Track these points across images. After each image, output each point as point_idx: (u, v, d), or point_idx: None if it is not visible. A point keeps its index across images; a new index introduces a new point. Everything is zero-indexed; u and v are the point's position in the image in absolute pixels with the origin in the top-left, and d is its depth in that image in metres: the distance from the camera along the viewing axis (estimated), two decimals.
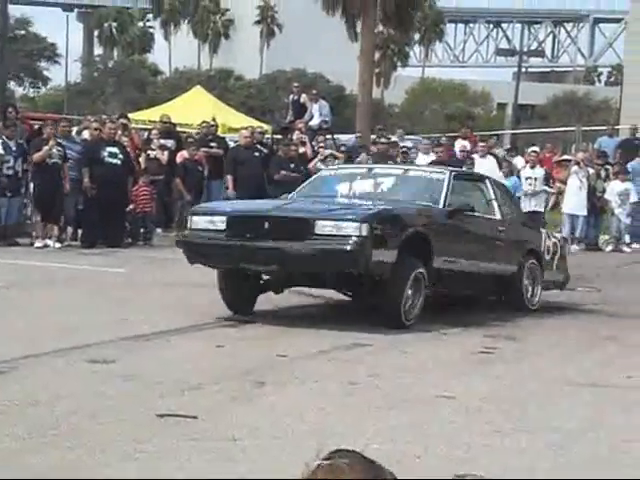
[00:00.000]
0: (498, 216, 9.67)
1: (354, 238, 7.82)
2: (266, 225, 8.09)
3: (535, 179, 16.60)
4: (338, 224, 7.93)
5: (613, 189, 17.17)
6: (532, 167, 16.83)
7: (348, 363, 6.81)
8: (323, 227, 7.93)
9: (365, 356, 7.07)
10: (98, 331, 7.49)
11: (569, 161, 17.79)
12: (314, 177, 10.45)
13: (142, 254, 13.53)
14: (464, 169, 14.09)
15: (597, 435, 5.27)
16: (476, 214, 9.26)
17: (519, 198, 16.60)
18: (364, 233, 7.84)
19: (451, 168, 10.31)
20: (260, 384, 6.03)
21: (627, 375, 6.75)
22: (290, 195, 9.56)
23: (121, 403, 5.47)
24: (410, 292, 8.16)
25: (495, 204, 9.71)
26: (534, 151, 17.74)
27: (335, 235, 7.90)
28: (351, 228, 7.88)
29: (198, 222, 8.50)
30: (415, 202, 8.95)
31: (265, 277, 8.78)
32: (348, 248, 7.80)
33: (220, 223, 8.30)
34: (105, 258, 12.66)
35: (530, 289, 9.74)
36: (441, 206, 8.85)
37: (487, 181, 10.04)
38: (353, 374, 6.39)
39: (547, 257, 10.16)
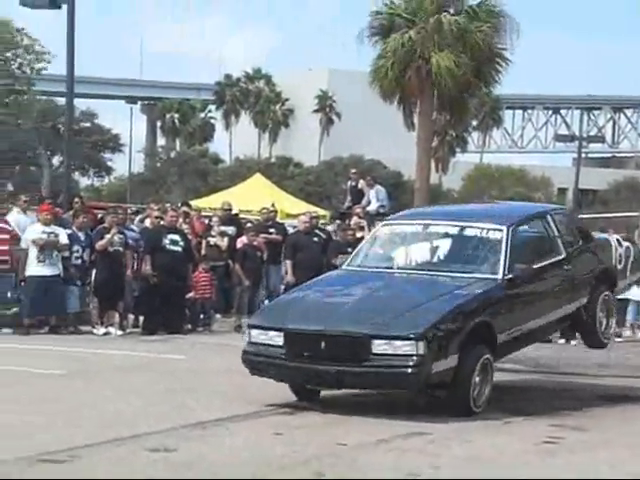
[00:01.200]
0: (562, 253, 9.19)
1: (413, 358, 7.58)
2: (323, 345, 7.87)
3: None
4: (394, 343, 7.65)
5: None
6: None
7: (409, 452, 6.66)
8: (379, 346, 7.68)
9: (426, 445, 6.92)
10: (158, 419, 7.47)
11: None
12: (370, 235, 9.97)
13: (202, 340, 13.55)
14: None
15: None
16: (540, 265, 8.82)
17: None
18: (421, 352, 7.59)
19: (510, 216, 9.27)
20: (319, 474, 5.92)
21: None
22: (348, 259, 9.34)
23: None
24: (478, 379, 7.98)
25: (559, 240, 9.26)
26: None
27: (392, 355, 7.65)
28: (408, 347, 7.62)
29: (257, 336, 8.31)
30: (472, 277, 8.50)
31: None
32: (407, 371, 7.59)
33: (277, 338, 8.11)
34: (165, 345, 12.70)
35: (604, 322, 9.46)
36: (500, 276, 8.44)
37: (548, 217, 9.47)
38: (414, 464, 6.25)
39: (620, 266, 9.92)
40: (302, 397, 8.49)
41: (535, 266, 8.75)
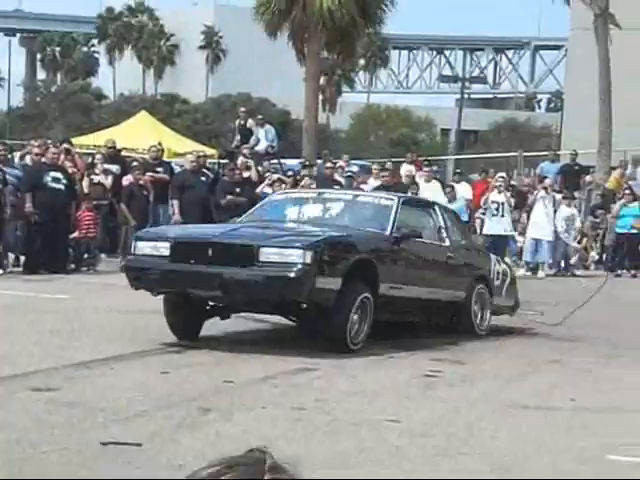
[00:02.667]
0: (447, 243, 9.71)
1: (298, 266, 7.80)
2: (210, 251, 8.05)
3: (502, 204, 16.75)
4: (282, 251, 7.90)
5: (559, 214, 17.44)
6: (499, 192, 16.96)
7: (295, 388, 6.78)
8: (267, 254, 7.90)
9: (313, 381, 7.05)
10: (40, 359, 7.37)
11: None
12: (264, 201, 10.43)
13: (86, 280, 13.36)
14: (410, 194, 14.18)
15: (542, 458, 5.31)
16: (425, 241, 9.27)
17: (482, 222, 16.81)
18: (308, 261, 7.82)
19: (400, 194, 10.33)
20: (206, 411, 5.97)
21: (571, 398, 6.83)
22: (238, 220, 9.53)
23: (64, 432, 5.37)
24: (356, 317, 8.16)
25: (444, 231, 9.75)
26: (502, 177, 17.93)
27: (279, 262, 7.88)
28: (295, 255, 7.85)
29: (142, 247, 8.43)
30: (363, 228, 8.97)
31: (211, 303, 8.72)
32: (291, 275, 7.78)
33: (164, 249, 8.24)
34: (48, 284, 12.47)
35: (479, 314, 9.80)
36: (388, 232, 8.85)
37: (436, 207, 10.09)
38: (300, 399, 6.37)
39: (497, 282, 10.25)
40: (181, 335, 8.47)
41: (420, 233, 9.16)
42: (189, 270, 8.08)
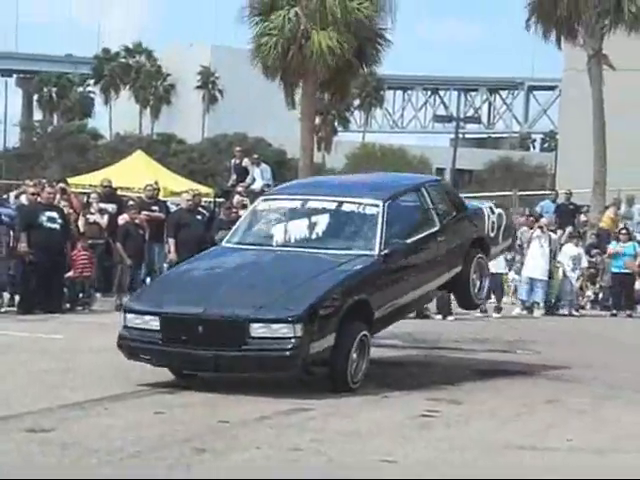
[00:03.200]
0: (437, 225, 9.33)
1: (291, 341, 7.60)
2: (200, 329, 7.79)
3: None
4: (272, 326, 7.66)
5: (566, 253, 17.46)
6: None
7: (290, 428, 6.74)
8: (257, 329, 7.67)
9: (308, 421, 7.01)
10: (34, 399, 7.32)
11: None
12: (248, 212, 9.92)
13: (81, 319, 13.33)
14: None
15: None
16: (413, 240, 8.94)
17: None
18: (299, 334, 7.61)
19: (386, 193, 9.21)
20: (200, 451, 5.93)
21: (567, 438, 6.79)
22: (227, 235, 9.29)
23: (58, 473, 5.32)
24: (355, 355, 8.11)
25: (433, 212, 9.38)
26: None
27: (270, 338, 7.66)
28: (285, 329, 7.63)
29: (132, 320, 8.16)
30: (349, 251, 8.57)
31: None
32: (285, 354, 7.62)
33: (153, 322, 7.99)
34: (42, 324, 12.42)
35: (477, 283, 9.72)
36: (376, 252, 8.52)
37: (422, 189, 9.54)
38: (296, 440, 6.33)
39: (492, 234, 10.12)
40: (181, 377, 8.43)
41: (410, 240, 8.89)
42: (181, 352, 7.91)
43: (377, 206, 8.86)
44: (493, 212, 10.31)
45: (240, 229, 9.36)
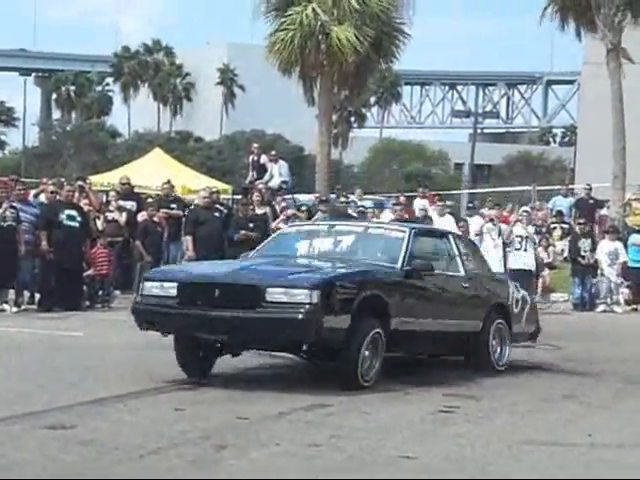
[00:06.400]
0: (462, 272, 9.57)
1: (305, 306, 7.69)
2: (216, 292, 7.96)
3: (526, 237, 16.61)
4: (289, 291, 7.79)
5: (602, 248, 17.29)
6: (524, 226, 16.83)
7: (309, 424, 6.75)
8: (273, 294, 7.79)
9: (327, 417, 7.02)
10: (55, 396, 7.37)
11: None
12: (275, 235, 10.39)
13: (100, 317, 13.39)
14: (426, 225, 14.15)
15: None
16: (438, 272, 9.15)
17: (505, 256, 16.61)
18: (315, 300, 7.71)
19: (412, 225, 10.25)
20: (220, 448, 5.95)
21: (588, 434, 6.77)
22: (250, 254, 9.52)
23: (79, 471, 5.35)
24: (367, 353, 8.09)
25: (458, 260, 9.63)
26: (525, 211, 17.85)
27: (286, 303, 7.77)
28: (302, 295, 7.73)
29: (150, 288, 8.34)
30: (373, 262, 8.91)
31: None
32: (298, 317, 7.68)
33: (171, 289, 8.15)
34: (62, 321, 12.50)
35: (498, 349, 9.70)
36: (399, 266, 8.76)
37: (450, 236, 9.98)
38: (315, 436, 6.33)
39: (516, 310, 10.12)
40: (193, 374, 8.42)
41: (432, 266, 9.01)
42: (195, 313, 8.01)
43: (403, 232, 9.25)
44: (518, 290, 10.37)
45: (264, 247, 9.63)
